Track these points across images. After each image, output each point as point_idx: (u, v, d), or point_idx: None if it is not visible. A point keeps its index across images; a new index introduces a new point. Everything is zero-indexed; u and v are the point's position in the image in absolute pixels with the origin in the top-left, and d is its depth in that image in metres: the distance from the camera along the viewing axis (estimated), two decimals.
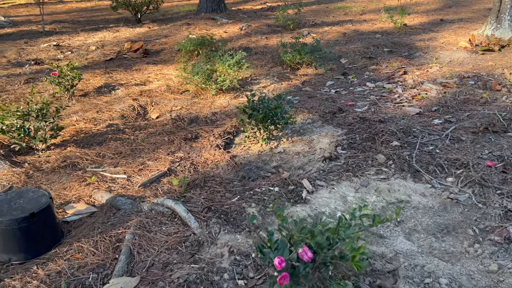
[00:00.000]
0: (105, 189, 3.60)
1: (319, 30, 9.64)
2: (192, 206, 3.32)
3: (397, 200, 3.30)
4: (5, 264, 2.77)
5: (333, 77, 6.56)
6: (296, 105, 5.36)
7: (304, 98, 5.66)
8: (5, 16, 12.46)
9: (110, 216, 3.28)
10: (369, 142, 4.18)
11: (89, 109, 5.40)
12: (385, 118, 4.70)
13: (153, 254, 2.84)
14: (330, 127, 4.71)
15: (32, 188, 3.05)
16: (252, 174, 3.83)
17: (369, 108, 5.14)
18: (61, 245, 2.96)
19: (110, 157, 4.20)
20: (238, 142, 4.57)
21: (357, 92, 5.79)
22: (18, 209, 2.76)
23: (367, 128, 4.46)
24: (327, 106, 5.28)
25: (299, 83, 6.34)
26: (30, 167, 3.93)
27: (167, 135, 4.68)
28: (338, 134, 4.50)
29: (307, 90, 6.00)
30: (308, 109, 5.20)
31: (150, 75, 6.85)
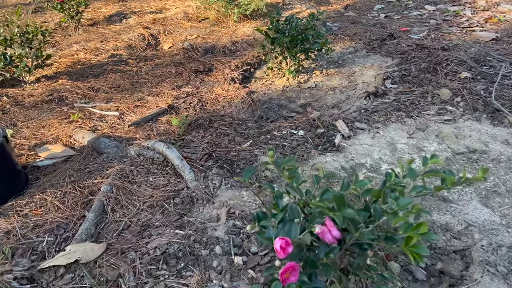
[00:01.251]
0: (89, 128, 2.92)
1: None
2: (190, 151, 2.57)
3: (468, 149, 2.37)
4: None
5: (383, 1, 5.38)
6: (336, 31, 4.34)
7: (346, 24, 4.60)
8: None
9: (90, 161, 2.61)
10: (429, 73, 3.18)
11: (94, 39, 4.67)
12: (449, 45, 3.62)
13: (131, 213, 2.15)
14: (377, 56, 3.70)
15: None
16: (272, 114, 3.00)
17: (429, 34, 4.04)
18: (22, 196, 2.33)
19: (105, 91, 3.49)
20: (259, 75, 3.70)
21: (413, 17, 4.64)
22: None
23: (426, 56, 3.42)
24: (375, 32, 4.23)
25: (341, 7, 5.23)
26: (9, 101, 3.31)
27: (175, 66, 3.88)
28: (387, 65, 3.50)
29: (350, 15, 4.91)
30: (350, 36, 4.18)
31: (168, 2, 5.96)
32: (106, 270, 1.80)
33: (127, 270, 1.78)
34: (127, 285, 1.70)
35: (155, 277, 1.72)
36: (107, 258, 1.86)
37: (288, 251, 1.20)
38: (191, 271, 1.71)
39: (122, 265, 1.81)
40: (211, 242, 1.85)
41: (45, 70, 3.89)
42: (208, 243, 1.85)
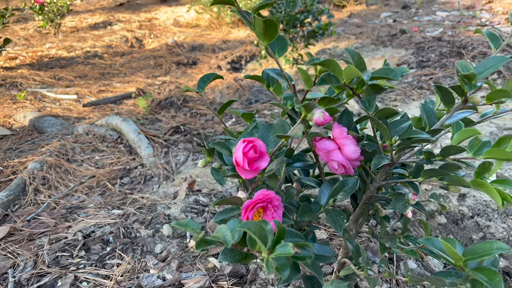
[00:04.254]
0: (34, 109, 2.36)
1: None
2: (154, 128, 1.99)
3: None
4: None
5: (390, 11, 5.00)
6: (339, 33, 3.89)
7: (350, 28, 4.17)
8: None
9: (25, 141, 2.02)
10: (453, 57, 2.66)
11: (71, 40, 4.23)
12: (472, 38, 3.13)
13: (60, 194, 1.54)
14: (388, 48, 3.21)
15: None
16: (263, 97, 2.44)
17: (445, 31, 3.57)
18: None
19: (68, 80, 2.96)
20: (250, 67, 3.19)
21: (425, 21, 4.22)
22: None
23: (446, 45, 2.92)
24: (383, 31, 3.77)
25: (345, 16, 4.85)
26: None
27: (154, 59, 3.39)
28: (400, 55, 3.00)
29: (355, 21, 4.50)
30: (356, 35, 3.72)
31: (159, 14, 5.62)
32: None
33: (27, 258, 1.14)
34: (16, 277, 1.06)
35: (62, 266, 1.08)
36: (5, 246, 1.23)
37: (260, 166, 0.59)
38: (119, 258, 1.08)
39: (23, 253, 1.18)
40: (158, 221, 1.22)
41: (6, 63, 3.39)
42: (152, 222, 1.22)
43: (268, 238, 0.44)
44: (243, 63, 3.26)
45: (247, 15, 0.63)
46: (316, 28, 2.76)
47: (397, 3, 5.40)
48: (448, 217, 1.33)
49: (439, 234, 1.30)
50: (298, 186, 0.82)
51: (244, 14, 0.66)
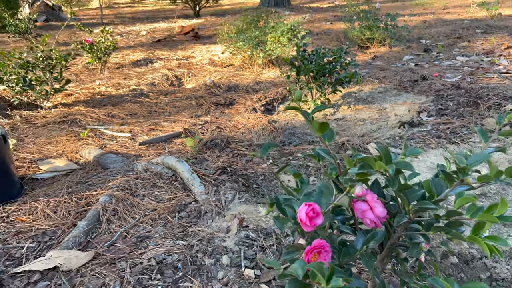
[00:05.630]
0: (97, 146, 2.72)
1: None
2: (202, 167, 2.30)
3: None
4: None
5: (412, 54, 5.29)
6: (364, 76, 4.19)
7: (374, 71, 4.47)
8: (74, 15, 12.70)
9: (92, 175, 2.36)
10: (469, 107, 2.91)
11: (118, 77, 4.67)
12: (488, 86, 3.38)
13: (129, 224, 1.85)
14: (410, 94, 3.48)
15: None
16: (295, 139, 2.74)
17: (464, 78, 3.83)
18: (11, 203, 2.07)
19: (121, 117, 3.34)
20: (282, 109, 3.50)
21: (445, 66, 4.48)
22: None
23: (464, 93, 3.18)
24: (405, 76, 4.05)
25: (369, 58, 5.16)
26: (20, 120, 3.18)
27: (195, 99, 3.75)
28: (421, 101, 3.26)
29: (378, 64, 4.80)
30: (379, 79, 4.01)
31: (195, 52, 6.07)
32: (89, 279, 1.47)
33: (113, 279, 1.44)
34: None
35: (145, 287, 1.37)
36: (93, 268, 1.54)
37: (317, 223, 0.88)
38: (190, 282, 1.36)
39: (108, 274, 1.48)
40: (217, 252, 1.51)
41: (64, 99, 3.82)
42: (214, 253, 1.51)
43: (325, 274, 0.73)
44: (276, 105, 3.58)
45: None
46: (343, 77, 3.07)
47: (419, 46, 5.69)
48: (459, 258, 1.57)
49: (451, 272, 1.53)
50: (337, 232, 1.10)
51: (304, 114, 0.96)
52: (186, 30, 7.36)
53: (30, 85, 3.40)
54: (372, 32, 5.62)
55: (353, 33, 5.79)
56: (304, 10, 10.77)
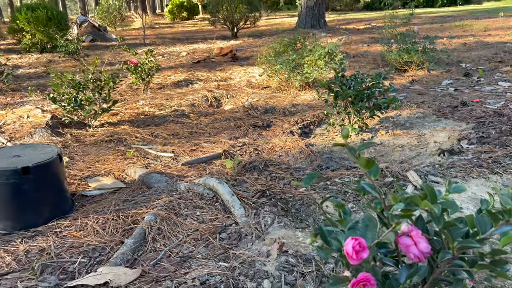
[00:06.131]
0: (142, 165, 2.85)
1: None
2: (242, 189, 2.37)
3: None
4: None
5: (452, 78, 5.22)
6: (402, 100, 4.18)
7: (412, 95, 4.45)
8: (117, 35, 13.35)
9: (137, 194, 2.49)
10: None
11: (160, 97, 4.87)
12: None
13: (173, 244, 1.93)
14: (450, 121, 3.44)
15: (43, 144, 2.41)
16: (333, 164, 2.77)
17: (506, 104, 3.75)
18: (64, 219, 2.21)
19: (164, 137, 3.49)
20: (319, 132, 3.55)
21: (486, 91, 4.40)
22: (13, 162, 2.10)
23: (507, 121, 3.12)
24: (444, 101, 4.01)
25: (407, 82, 5.13)
26: (71, 138, 3.39)
27: (234, 121, 3.86)
28: (461, 128, 3.23)
29: (416, 88, 4.77)
30: (418, 104, 3.99)
31: (233, 74, 6.24)
32: None
33: None
34: None
35: None
36: (140, 285, 1.63)
37: (363, 256, 0.92)
38: None
39: None
40: (259, 276, 1.56)
41: (110, 118, 4.03)
42: (255, 276, 1.56)
43: None
44: (312, 128, 3.63)
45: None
46: (381, 102, 3.09)
47: (459, 70, 5.61)
48: None
49: None
50: (380, 264, 1.13)
51: (351, 150, 1.01)
52: (225, 52, 7.58)
53: (80, 105, 3.63)
54: (410, 56, 5.60)
55: (391, 56, 5.78)
56: (341, 31, 10.85)
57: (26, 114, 3.76)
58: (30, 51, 9.08)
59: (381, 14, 15.44)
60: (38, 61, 8.08)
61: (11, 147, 2.37)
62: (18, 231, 2.08)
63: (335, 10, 22.28)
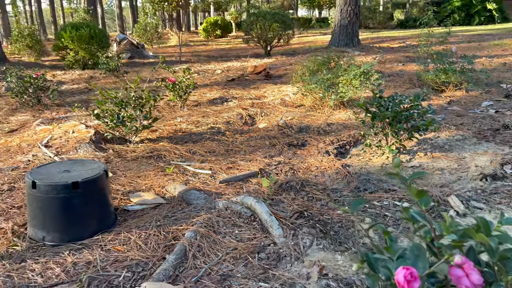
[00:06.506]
0: (181, 182, 2.93)
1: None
2: (279, 209, 2.39)
3: None
4: (38, 242, 2.21)
5: (492, 99, 5.09)
6: (440, 122, 4.11)
7: (450, 116, 4.37)
8: (154, 53, 13.83)
9: (177, 210, 2.55)
10: None
11: (196, 115, 5.00)
12: None
13: (212, 261, 1.97)
14: (491, 144, 3.36)
15: (90, 160, 2.53)
16: (370, 186, 2.75)
17: None
18: (108, 233, 2.30)
19: (201, 154, 3.57)
20: (355, 153, 3.53)
21: None
22: (64, 177, 2.21)
23: None
24: (485, 123, 3.92)
25: (444, 102, 5.05)
26: (113, 153, 3.52)
27: (269, 139, 3.91)
28: (504, 152, 3.14)
29: (455, 109, 4.68)
30: (457, 126, 3.91)
31: (267, 92, 6.32)
32: None
33: None
34: None
35: None
36: None
37: (414, 286, 0.92)
38: None
39: None
40: None
41: (149, 134, 4.17)
42: None
43: None
44: (348, 148, 3.62)
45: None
46: (420, 125, 3.06)
47: (499, 91, 5.46)
48: None
49: None
50: None
51: (402, 180, 1.02)
52: (258, 70, 7.70)
53: (122, 121, 3.78)
54: (447, 76, 5.51)
55: (427, 76, 5.71)
56: (374, 50, 10.80)
57: (71, 129, 3.95)
58: (73, 67, 9.53)
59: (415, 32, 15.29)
60: (80, 77, 8.47)
61: (61, 162, 2.50)
62: (65, 243, 2.18)
63: (368, 28, 22.21)
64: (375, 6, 28.14)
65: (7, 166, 3.15)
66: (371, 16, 22.94)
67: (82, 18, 19.03)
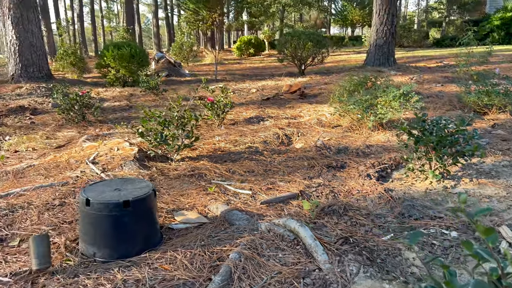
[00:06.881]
0: (223, 201, 2.97)
1: None
2: (322, 234, 2.38)
3: None
4: (89, 258, 2.29)
5: None
6: (484, 146, 4.00)
7: (495, 141, 4.24)
8: (190, 71, 14.18)
9: (220, 230, 2.59)
10: None
11: (234, 134, 5.08)
12: None
13: (258, 285, 1.98)
14: None
15: (138, 179, 2.61)
16: (415, 212, 2.70)
17: None
18: (155, 251, 2.36)
19: (240, 174, 3.62)
20: (397, 177, 3.48)
21: None
22: (115, 195, 2.30)
23: None
24: None
25: (487, 126, 4.90)
26: (157, 171, 3.62)
27: (307, 160, 3.91)
28: None
29: (500, 133, 4.54)
30: (503, 151, 3.79)
31: (303, 111, 6.35)
32: None
33: None
34: None
35: None
36: None
37: None
38: None
39: None
40: None
41: (190, 152, 4.26)
42: None
43: None
44: (389, 171, 3.57)
45: None
46: (466, 150, 2.98)
47: None
48: None
49: None
50: None
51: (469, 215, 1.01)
52: (293, 89, 7.76)
53: (165, 140, 3.89)
54: (490, 98, 5.36)
55: (469, 98, 5.58)
56: (411, 70, 10.66)
57: (116, 146, 4.10)
58: (114, 84, 9.91)
59: (452, 52, 15.00)
60: (120, 94, 8.79)
61: (111, 180, 2.60)
62: (114, 260, 2.25)
63: (403, 46, 21.96)
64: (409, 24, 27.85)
65: (58, 182, 3.30)
66: (406, 35, 22.70)
67: (122, 37, 19.85)
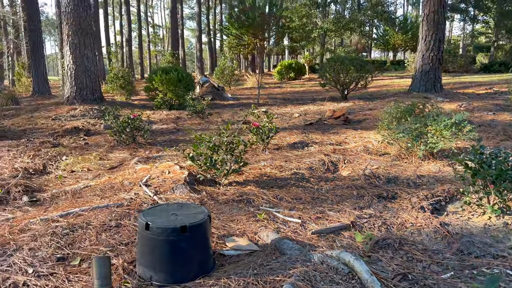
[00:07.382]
0: (273, 229, 2.98)
1: None
2: (378, 269, 2.32)
3: None
4: (146, 281, 2.35)
5: None
6: None
7: None
8: (232, 94, 14.48)
9: (272, 259, 2.58)
10: None
11: (278, 159, 5.10)
12: None
13: None
14: None
15: (193, 204, 2.67)
16: (475, 250, 2.58)
17: None
18: (208, 277, 2.38)
19: (287, 201, 3.61)
20: (452, 210, 3.35)
21: None
22: (172, 220, 2.37)
23: None
24: None
25: None
26: (206, 195, 3.69)
27: (356, 189, 3.85)
28: None
29: None
30: None
31: (348, 138, 6.29)
32: None
33: None
34: None
35: None
36: None
37: None
38: None
39: None
40: None
41: (237, 177, 4.31)
42: None
43: None
44: (444, 204, 3.45)
45: None
46: None
47: None
48: None
49: None
50: None
51: None
52: (337, 115, 7.72)
53: (214, 164, 3.97)
54: None
55: None
56: (459, 96, 10.34)
57: (167, 169, 4.23)
58: (161, 107, 10.28)
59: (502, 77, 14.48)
60: (167, 117, 9.09)
61: (168, 204, 2.68)
62: (170, 284, 2.29)
63: (448, 71, 21.40)
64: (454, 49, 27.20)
65: (113, 203, 3.43)
66: (451, 60, 22.13)
67: (168, 61, 20.65)
